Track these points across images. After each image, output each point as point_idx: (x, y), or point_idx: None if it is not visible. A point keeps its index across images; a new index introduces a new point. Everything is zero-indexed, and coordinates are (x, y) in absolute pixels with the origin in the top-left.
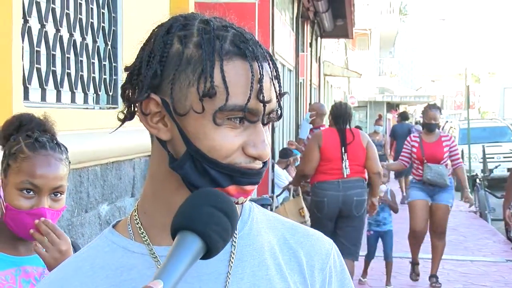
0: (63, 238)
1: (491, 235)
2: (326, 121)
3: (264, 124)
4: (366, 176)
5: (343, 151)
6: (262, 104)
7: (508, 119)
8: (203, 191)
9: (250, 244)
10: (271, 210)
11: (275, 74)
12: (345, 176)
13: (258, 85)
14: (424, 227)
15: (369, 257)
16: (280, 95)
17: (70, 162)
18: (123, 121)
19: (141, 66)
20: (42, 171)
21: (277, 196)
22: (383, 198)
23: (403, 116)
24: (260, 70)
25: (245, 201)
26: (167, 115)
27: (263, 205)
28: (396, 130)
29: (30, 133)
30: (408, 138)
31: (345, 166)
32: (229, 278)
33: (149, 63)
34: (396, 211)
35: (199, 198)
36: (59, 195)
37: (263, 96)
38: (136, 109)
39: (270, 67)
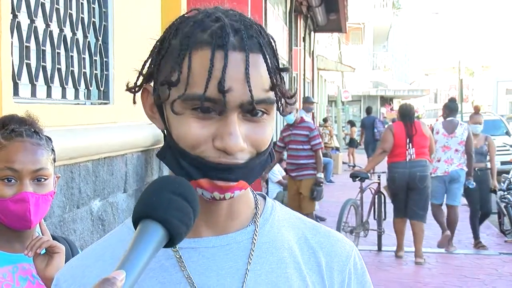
0: (55, 244)
1: (485, 228)
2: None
3: (253, 116)
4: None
5: (408, 141)
6: (223, 94)
7: (503, 114)
8: (161, 178)
9: (270, 241)
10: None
11: (269, 66)
12: (408, 159)
13: (221, 74)
14: None
15: None
16: (274, 87)
17: (54, 151)
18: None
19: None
20: (19, 155)
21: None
22: None
23: (368, 111)
24: (224, 59)
25: (223, 197)
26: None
27: (361, 178)
28: (364, 122)
29: (7, 127)
30: None
31: (410, 152)
32: (247, 274)
33: (149, 55)
34: None
35: (157, 186)
36: (42, 180)
37: (220, 85)
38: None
39: (265, 59)
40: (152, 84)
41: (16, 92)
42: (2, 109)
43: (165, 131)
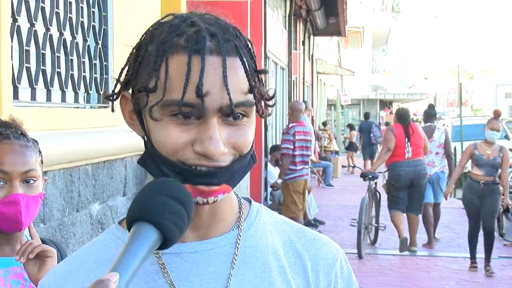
0: (46, 248)
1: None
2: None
3: (233, 120)
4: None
5: (406, 140)
6: (201, 99)
7: (503, 118)
8: (157, 181)
9: (254, 245)
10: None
11: (246, 68)
12: (407, 158)
13: (199, 79)
14: None
15: None
16: (252, 89)
17: (41, 152)
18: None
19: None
20: (8, 157)
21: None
22: None
23: (366, 116)
24: (201, 64)
25: (206, 202)
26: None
27: (371, 178)
28: (361, 127)
29: None
30: None
31: (408, 151)
32: (230, 279)
33: (126, 62)
34: None
35: (153, 188)
36: (31, 181)
37: (198, 90)
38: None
39: (243, 62)
40: (130, 91)
41: (16, 96)
42: (2, 112)
43: (145, 137)
